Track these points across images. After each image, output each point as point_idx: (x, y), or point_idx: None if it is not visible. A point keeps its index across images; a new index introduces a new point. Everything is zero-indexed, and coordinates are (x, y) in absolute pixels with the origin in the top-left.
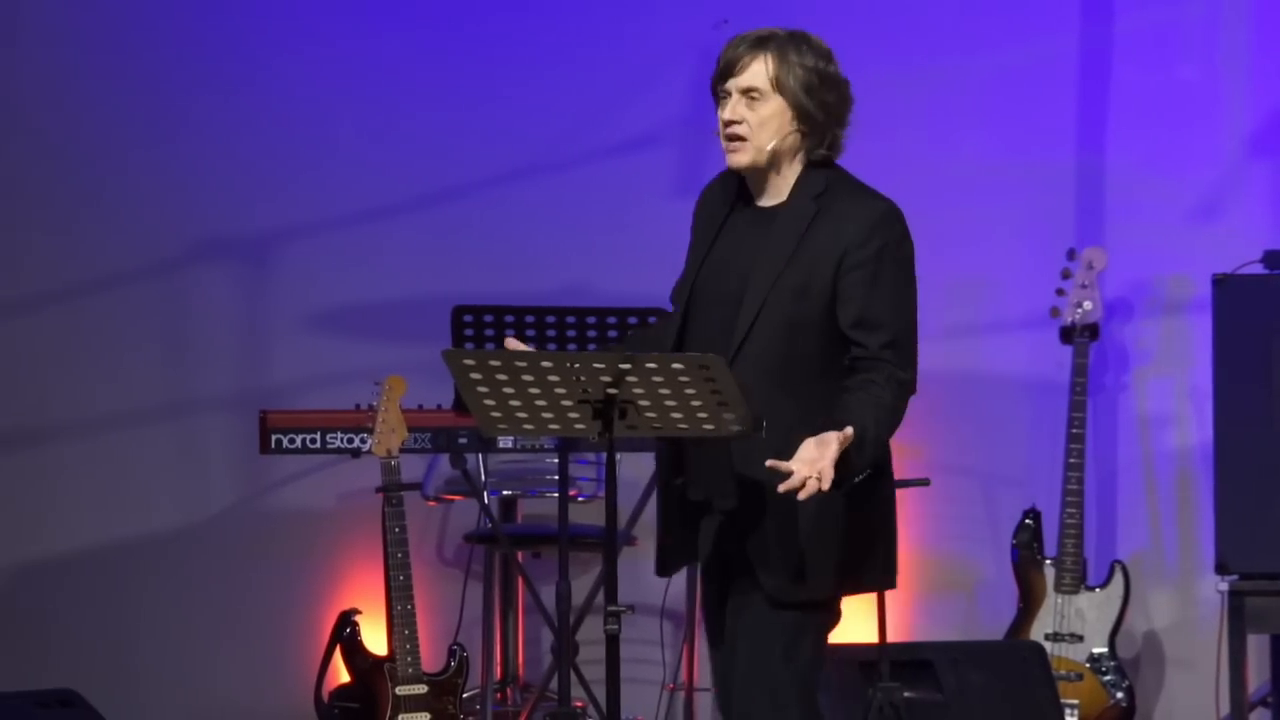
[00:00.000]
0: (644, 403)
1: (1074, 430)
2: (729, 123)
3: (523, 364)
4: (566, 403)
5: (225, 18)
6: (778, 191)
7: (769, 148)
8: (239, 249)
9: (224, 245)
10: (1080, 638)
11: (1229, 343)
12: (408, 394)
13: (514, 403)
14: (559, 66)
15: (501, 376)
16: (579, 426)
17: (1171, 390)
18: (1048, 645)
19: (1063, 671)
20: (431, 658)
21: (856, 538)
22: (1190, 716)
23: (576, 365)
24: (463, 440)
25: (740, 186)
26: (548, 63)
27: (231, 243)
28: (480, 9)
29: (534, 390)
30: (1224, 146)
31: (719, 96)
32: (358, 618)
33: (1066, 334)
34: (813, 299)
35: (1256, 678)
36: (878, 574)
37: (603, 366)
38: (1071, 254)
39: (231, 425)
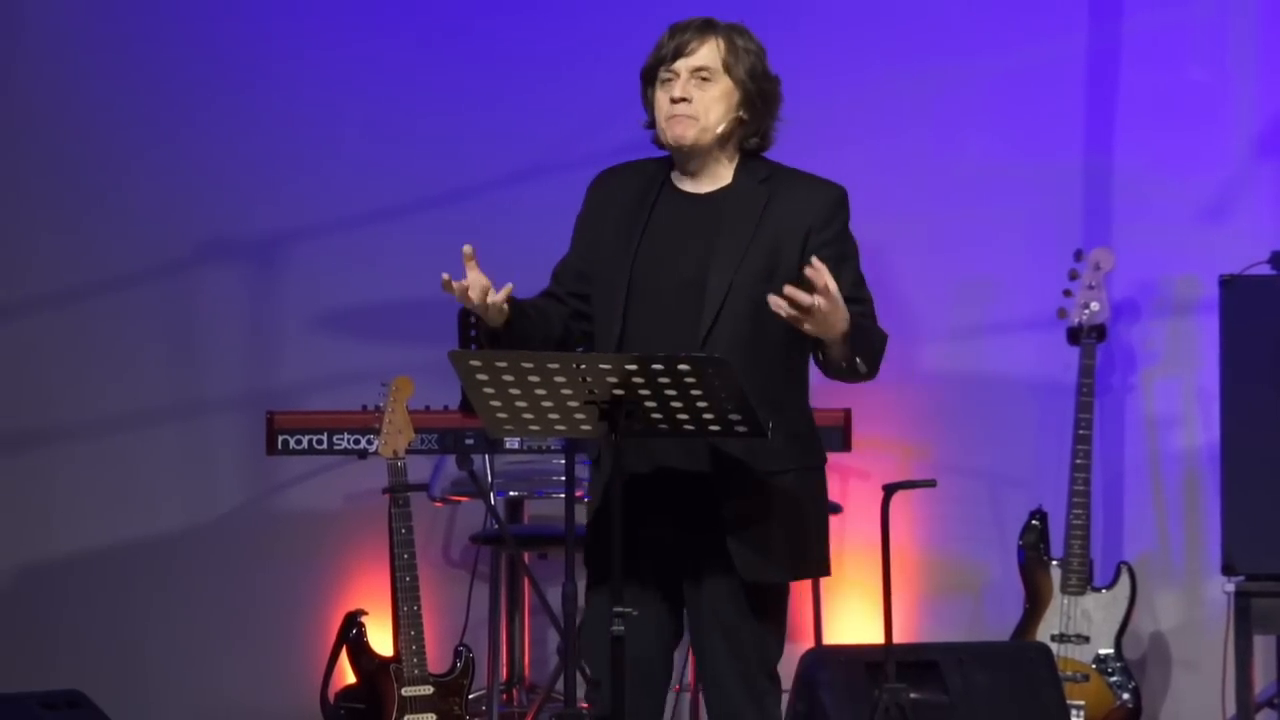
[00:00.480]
0: (650, 404)
1: (1081, 431)
2: (679, 99)
3: (529, 365)
4: (573, 404)
5: (231, 20)
6: (716, 177)
7: (718, 128)
8: (246, 250)
9: (231, 246)
10: (1086, 639)
11: (1236, 344)
12: (415, 395)
13: (520, 404)
14: (567, 68)
15: (508, 377)
16: (585, 428)
17: (1179, 391)
18: (1054, 646)
19: (1069, 672)
20: (437, 659)
21: (817, 522)
22: (1196, 718)
23: (583, 366)
24: (469, 441)
25: (661, 173)
26: (555, 64)
27: (238, 244)
28: (487, 11)
29: (540, 391)
30: (1232, 147)
31: (660, 80)
32: (364, 618)
33: (1073, 335)
34: (778, 280)
35: (1263, 679)
36: (826, 559)
37: (609, 368)
38: (1079, 255)
39: (238, 426)
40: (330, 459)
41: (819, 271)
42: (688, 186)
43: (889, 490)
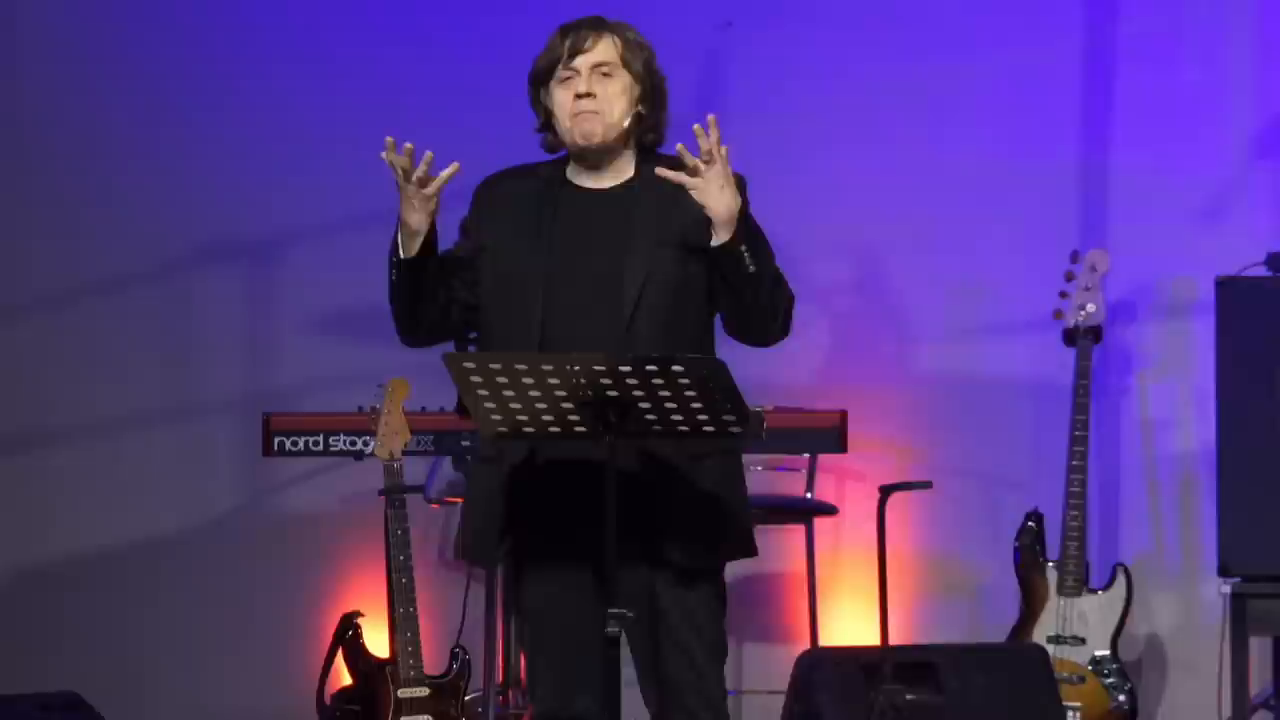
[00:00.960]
0: (644, 405)
1: (1077, 433)
2: (584, 95)
3: (522, 366)
4: (567, 405)
5: (227, 21)
6: (619, 171)
7: (623, 123)
8: (242, 252)
9: (227, 249)
10: (1082, 640)
11: (1232, 345)
12: (410, 397)
13: (514, 405)
14: None
15: (502, 379)
16: (579, 429)
17: (1174, 393)
18: (1050, 648)
19: (1065, 674)
20: (433, 660)
21: (742, 504)
22: (1192, 719)
23: (577, 368)
24: (465, 443)
25: (555, 173)
26: None
27: (234, 246)
28: (483, 12)
29: (534, 393)
30: (1228, 149)
31: (559, 80)
32: (360, 620)
33: (1069, 336)
34: (692, 267)
35: (1259, 680)
36: (752, 540)
37: (603, 369)
38: (1074, 256)
39: (235, 428)
40: (326, 460)
41: (708, 131)
42: (588, 183)
43: (885, 492)
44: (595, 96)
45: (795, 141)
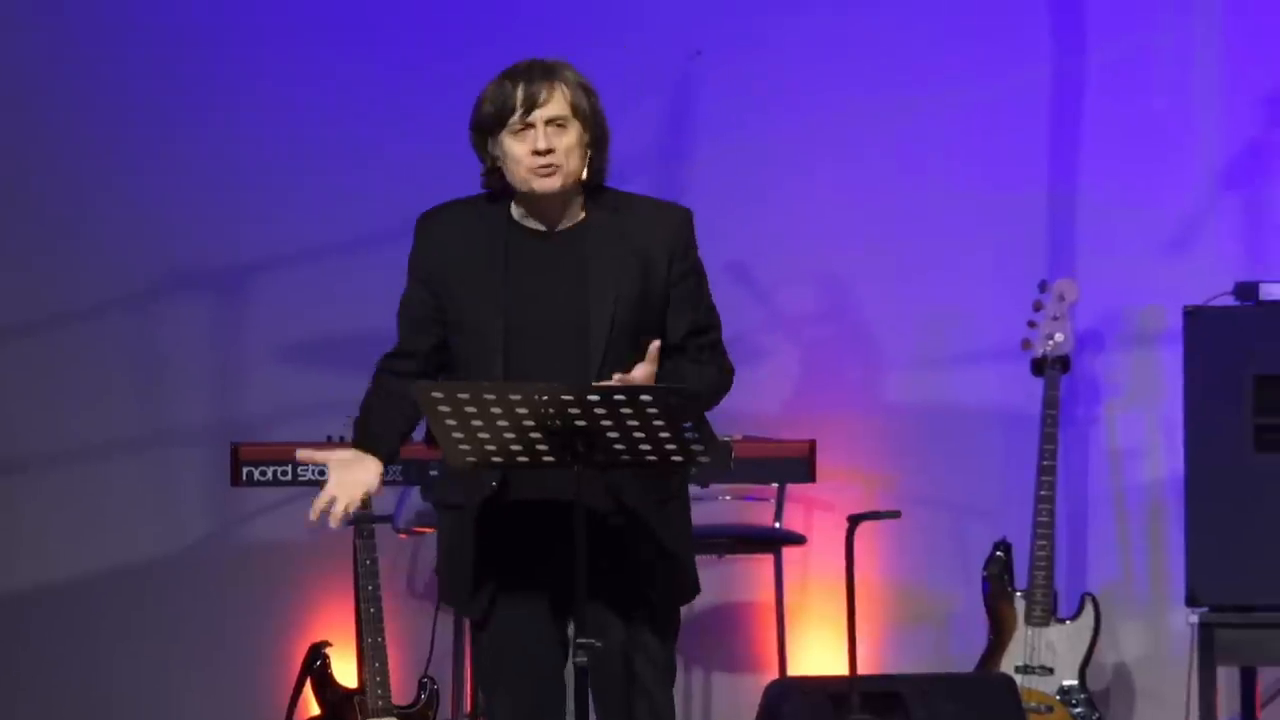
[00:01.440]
0: (612, 434)
1: (1045, 462)
2: (544, 151)
3: (491, 396)
4: (535, 434)
5: (199, 48)
6: (570, 215)
7: (578, 171)
8: (211, 281)
9: (195, 277)
10: (1050, 670)
11: (1200, 374)
12: None
13: (482, 435)
14: None
15: (470, 409)
16: (547, 459)
17: (1142, 422)
18: (1018, 677)
19: (1033, 704)
20: (402, 690)
21: (691, 546)
22: None
23: (545, 397)
24: (434, 473)
25: (499, 212)
26: None
27: (203, 275)
28: (455, 41)
29: (502, 423)
30: (1196, 178)
31: (513, 131)
32: (328, 650)
33: (1038, 366)
34: (650, 306)
35: (1226, 711)
36: (697, 580)
37: (570, 398)
38: (1043, 285)
39: (204, 457)
40: (295, 490)
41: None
42: (537, 224)
43: (854, 521)
44: (554, 151)
45: (764, 170)
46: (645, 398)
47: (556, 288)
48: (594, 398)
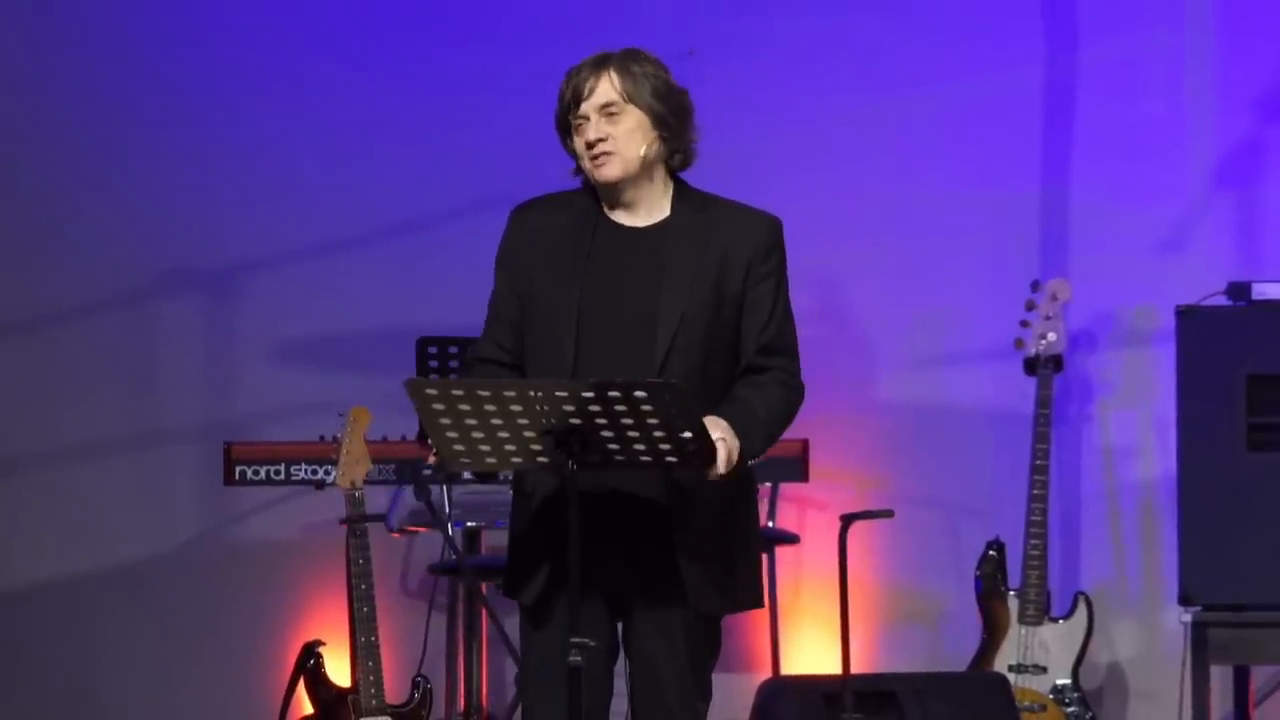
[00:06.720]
0: (606, 433)
1: (1038, 461)
2: (594, 141)
3: (485, 393)
4: (529, 434)
5: (189, 50)
6: (653, 207)
7: (639, 156)
8: (204, 280)
9: (188, 277)
10: (1044, 669)
11: (1193, 374)
12: (372, 426)
13: (476, 434)
14: (524, 99)
15: (464, 406)
16: (542, 459)
17: (1135, 422)
18: (1011, 677)
19: (1026, 703)
20: (395, 689)
21: (755, 554)
22: None
23: (539, 394)
24: (427, 472)
25: (590, 206)
26: (513, 95)
27: (196, 274)
28: (447, 42)
29: (496, 421)
30: (1188, 179)
31: (574, 127)
32: (321, 649)
33: (1030, 365)
34: (725, 310)
35: (1219, 709)
36: (760, 591)
37: (565, 395)
38: (1036, 285)
39: (196, 457)
40: (288, 490)
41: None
42: (624, 219)
43: (846, 521)
44: (606, 139)
45: (758, 170)
46: (640, 394)
47: (633, 282)
48: (588, 394)
